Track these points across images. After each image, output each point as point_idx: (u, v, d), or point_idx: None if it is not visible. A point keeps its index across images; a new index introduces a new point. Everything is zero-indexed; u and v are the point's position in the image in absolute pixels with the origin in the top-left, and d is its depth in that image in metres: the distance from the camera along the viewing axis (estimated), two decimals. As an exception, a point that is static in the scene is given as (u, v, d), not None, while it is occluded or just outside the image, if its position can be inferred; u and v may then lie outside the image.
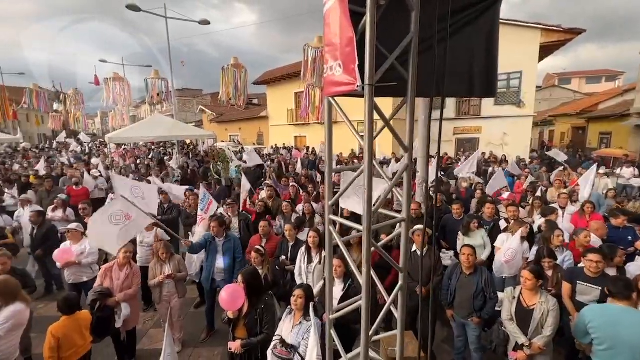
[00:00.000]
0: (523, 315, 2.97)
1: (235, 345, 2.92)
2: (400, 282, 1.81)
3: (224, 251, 4.41)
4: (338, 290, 3.30)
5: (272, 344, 2.70)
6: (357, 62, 1.44)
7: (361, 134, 1.68)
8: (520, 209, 5.54)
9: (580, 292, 3.24)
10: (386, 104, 1.87)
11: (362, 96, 1.82)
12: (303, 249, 4.05)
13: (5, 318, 2.88)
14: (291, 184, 7.15)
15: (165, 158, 14.69)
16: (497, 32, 2.11)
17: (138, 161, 13.48)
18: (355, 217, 5.66)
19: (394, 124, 1.70)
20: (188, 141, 21.14)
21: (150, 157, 14.64)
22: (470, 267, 3.40)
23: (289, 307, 2.94)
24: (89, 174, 9.34)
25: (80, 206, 5.79)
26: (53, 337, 2.99)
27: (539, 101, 27.98)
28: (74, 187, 8.18)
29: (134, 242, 4.93)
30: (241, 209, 6.15)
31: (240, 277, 3.02)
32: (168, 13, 13.83)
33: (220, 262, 4.39)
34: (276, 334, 2.82)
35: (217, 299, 4.60)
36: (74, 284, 4.49)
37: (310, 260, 3.92)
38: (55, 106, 13.55)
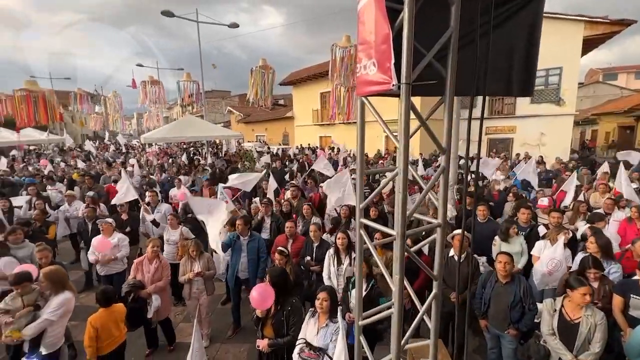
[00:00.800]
0: (567, 330, 2.75)
1: (262, 344, 2.95)
2: (434, 291, 1.72)
3: (248, 250, 4.48)
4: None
5: (298, 347, 2.69)
6: (393, 60, 1.38)
7: (394, 134, 1.61)
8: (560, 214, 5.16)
9: (634, 307, 2.95)
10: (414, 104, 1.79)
11: (396, 95, 1.76)
12: (331, 251, 4.01)
13: (57, 305, 3.10)
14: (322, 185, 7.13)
15: (195, 157, 15.24)
16: (540, 26, 1.97)
17: (170, 160, 14.07)
18: (382, 220, 5.55)
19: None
20: (217, 141, 21.78)
21: (182, 156, 15.25)
22: (507, 276, 3.20)
23: (311, 309, 2.91)
24: (126, 172, 9.84)
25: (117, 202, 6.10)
26: (92, 327, 3.16)
27: (581, 98, 26.10)
28: (112, 184, 8.66)
29: (161, 237, 5.16)
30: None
31: (267, 277, 3.04)
32: (199, 17, 14.35)
33: (245, 260, 4.46)
34: (300, 337, 2.80)
35: (242, 296, 4.70)
36: (106, 276, 4.74)
37: (340, 263, 3.88)
38: (97, 108, 14.50)
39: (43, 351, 3.06)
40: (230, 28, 14.94)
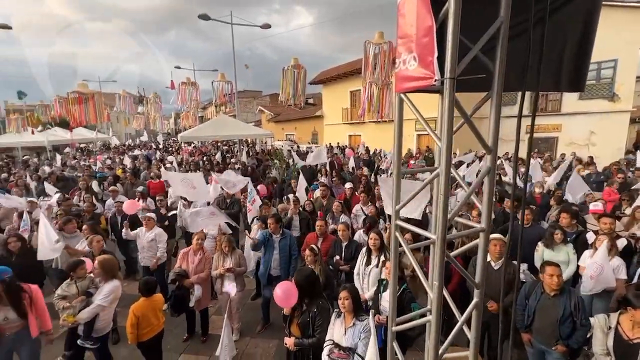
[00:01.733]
0: (625, 351, 2.48)
1: (289, 342, 2.97)
2: (475, 299, 1.61)
3: (280, 247, 4.53)
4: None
5: (327, 348, 2.67)
6: (436, 54, 1.30)
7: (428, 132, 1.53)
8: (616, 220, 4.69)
9: None
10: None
11: (436, 92, 1.67)
12: (364, 250, 3.96)
13: (108, 291, 3.35)
14: (348, 185, 7.05)
15: (227, 155, 15.74)
16: (598, 12, 1.78)
17: (205, 158, 14.65)
18: (412, 223, 5.37)
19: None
20: (249, 140, 22.35)
21: (216, 155, 15.84)
22: (557, 289, 2.95)
23: (336, 310, 2.88)
24: (165, 169, 10.39)
25: (157, 197, 6.44)
26: (134, 315, 3.35)
27: (639, 94, 23.70)
28: (152, 180, 9.18)
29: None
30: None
31: (294, 277, 3.06)
32: (233, 20, 14.76)
33: (277, 257, 4.52)
34: (327, 338, 2.78)
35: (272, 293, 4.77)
36: (146, 267, 5.00)
37: (368, 262, 3.81)
38: (140, 109, 15.48)
39: (94, 334, 3.31)
40: (263, 29, 15.24)
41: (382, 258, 3.79)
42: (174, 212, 5.89)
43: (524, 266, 4.23)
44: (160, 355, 3.70)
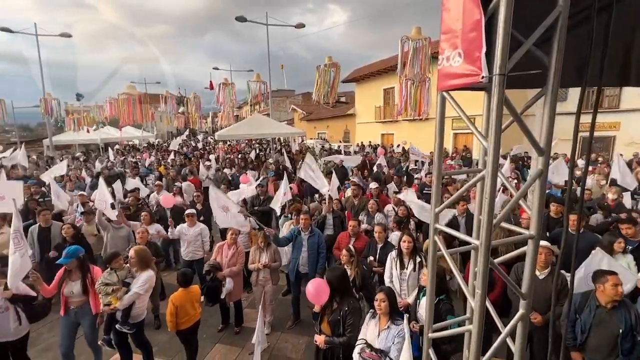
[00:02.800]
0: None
1: (319, 339, 2.98)
2: (521, 311, 1.51)
3: (308, 245, 4.56)
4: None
5: (359, 347, 2.64)
6: (484, 49, 1.23)
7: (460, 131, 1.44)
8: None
9: None
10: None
11: (481, 89, 1.58)
12: (393, 253, 3.86)
13: (144, 280, 3.58)
14: (373, 185, 6.92)
15: (260, 153, 16.14)
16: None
17: (240, 156, 15.15)
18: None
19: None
20: (282, 139, 22.74)
21: (250, 153, 16.32)
22: (616, 301, 2.67)
23: (372, 311, 2.84)
24: (203, 166, 10.88)
25: (194, 194, 6.76)
26: (173, 304, 3.55)
27: None
28: (189, 177, 9.67)
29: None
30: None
31: (325, 275, 3.06)
32: (268, 20, 15.06)
33: (305, 255, 4.56)
34: (360, 337, 2.75)
35: (301, 289, 4.82)
36: (188, 261, 5.26)
37: (402, 267, 3.72)
38: (181, 109, 16.36)
39: (131, 320, 3.55)
40: (297, 28, 15.40)
41: (418, 260, 3.68)
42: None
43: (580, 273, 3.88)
44: (197, 343, 3.88)
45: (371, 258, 4.31)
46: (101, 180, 5.93)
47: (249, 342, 4.03)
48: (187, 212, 5.40)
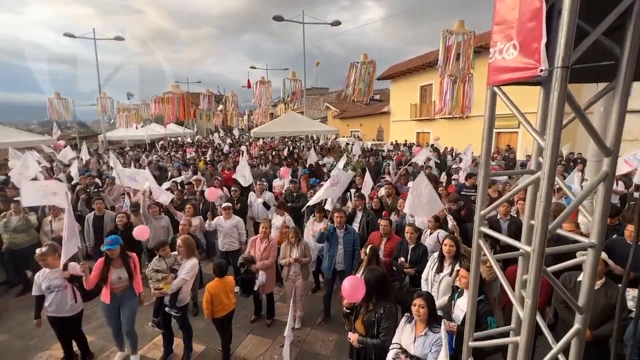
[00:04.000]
0: None
1: (353, 337, 2.96)
2: (577, 326, 1.38)
3: (344, 242, 4.56)
4: (465, 303, 2.93)
5: (393, 352, 2.59)
6: (544, 40, 1.13)
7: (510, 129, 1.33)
8: None
9: None
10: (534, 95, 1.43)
11: (536, 84, 1.46)
12: (436, 255, 3.74)
13: (189, 268, 3.83)
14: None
15: (294, 150, 16.37)
16: None
17: (274, 153, 15.49)
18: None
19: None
20: (314, 136, 22.91)
21: (284, 150, 16.62)
22: None
23: (407, 315, 2.76)
24: (239, 162, 11.26)
25: (232, 188, 7.02)
26: (209, 293, 3.72)
27: None
28: (226, 171, 10.06)
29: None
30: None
31: (364, 275, 3.03)
32: (304, 19, 15.18)
33: (342, 252, 4.56)
34: (394, 341, 2.69)
35: (334, 286, 4.82)
36: (224, 252, 5.47)
37: (440, 270, 3.59)
38: (220, 107, 17.10)
39: (177, 304, 3.78)
40: (332, 26, 15.37)
41: (457, 267, 3.53)
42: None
43: (633, 292, 3.52)
44: (231, 332, 4.04)
45: (402, 259, 4.20)
46: (149, 173, 6.46)
47: (280, 335, 4.13)
48: (223, 205, 5.62)
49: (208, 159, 13.81)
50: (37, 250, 3.61)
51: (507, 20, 1.30)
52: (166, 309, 3.78)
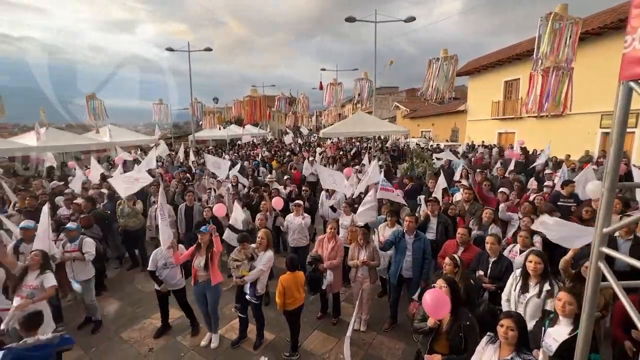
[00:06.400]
0: None
1: (436, 359, 2.65)
2: None
3: (413, 249, 4.34)
4: (563, 331, 2.53)
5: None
6: None
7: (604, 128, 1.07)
8: None
9: None
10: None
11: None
12: (518, 272, 3.33)
13: (267, 259, 4.16)
14: (502, 189, 6.06)
15: (363, 151, 16.24)
16: None
17: (341, 153, 15.63)
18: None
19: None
20: (383, 137, 22.44)
21: (351, 150, 16.66)
22: None
23: (490, 334, 2.48)
24: (308, 161, 11.66)
25: (303, 188, 7.30)
26: (282, 285, 3.92)
27: None
28: (293, 171, 10.50)
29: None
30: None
31: (441, 281, 2.83)
32: (377, 18, 14.91)
33: (409, 259, 4.35)
34: None
35: (402, 293, 4.64)
36: (294, 247, 5.71)
37: (525, 290, 3.18)
38: (292, 109, 17.99)
39: (257, 293, 4.11)
40: (406, 22, 14.79)
41: (547, 287, 3.08)
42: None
43: None
44: (299, 325, 4.20)
45: (480, 272, 3.81)
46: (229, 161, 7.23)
47: (345, 336, 4.13)
48: (295, 202, 5.87)
49: (282, 158, 14.60)
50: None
51: (651, 0, 1.07)
52: (247, 296, 4.12)
